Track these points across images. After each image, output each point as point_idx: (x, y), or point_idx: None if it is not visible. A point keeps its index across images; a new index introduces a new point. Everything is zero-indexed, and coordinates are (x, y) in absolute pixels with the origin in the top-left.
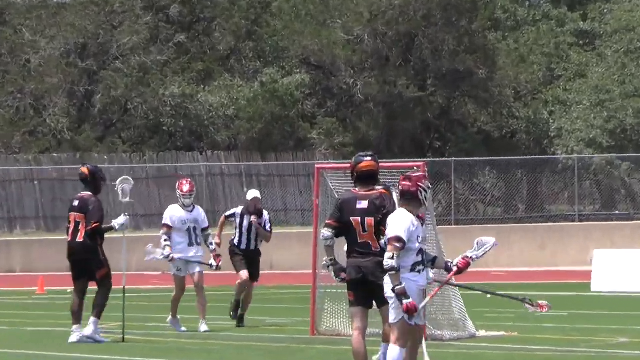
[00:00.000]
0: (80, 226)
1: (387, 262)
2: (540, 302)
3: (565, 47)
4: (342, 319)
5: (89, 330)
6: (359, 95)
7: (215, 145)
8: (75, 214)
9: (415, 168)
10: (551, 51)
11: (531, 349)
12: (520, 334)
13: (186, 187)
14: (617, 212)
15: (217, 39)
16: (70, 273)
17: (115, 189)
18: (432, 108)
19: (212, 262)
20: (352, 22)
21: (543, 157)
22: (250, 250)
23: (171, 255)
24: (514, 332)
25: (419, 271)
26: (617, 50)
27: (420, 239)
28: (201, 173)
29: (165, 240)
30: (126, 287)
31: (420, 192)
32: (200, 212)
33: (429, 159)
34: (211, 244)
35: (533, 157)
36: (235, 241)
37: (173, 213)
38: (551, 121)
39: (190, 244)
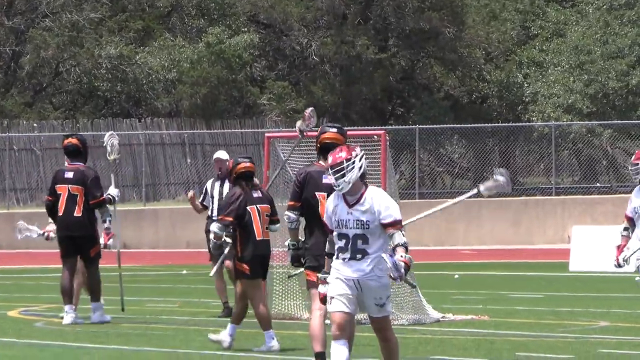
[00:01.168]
0: (78, 199)
1: None
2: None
3: (541, 2)
4: (294, 301)
5: (97, 317)
6: (314, 56)
7: (155, 111)
8: (71, 186)
9: (375, 137)
10: (526, 7)
11: (503, 334)
12: (491, 318)
13: None
14: (598, 184)
15: None
16: (59, 250)
17: (104, 144)
18: (394, 71)
19: (101, 240)
20: None
21: (517, 124)
22: None
23: (47, 233)
24: (484, 315)
25: (343, 259)
26: (599, 6)
27: (338, 223)
28: (140, 142)
29: None
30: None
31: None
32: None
33: (390, 127)
34: (105, 221)
35: (505, 124)
36: (214, 216)
37: None
38: (526, 85)
39: None
